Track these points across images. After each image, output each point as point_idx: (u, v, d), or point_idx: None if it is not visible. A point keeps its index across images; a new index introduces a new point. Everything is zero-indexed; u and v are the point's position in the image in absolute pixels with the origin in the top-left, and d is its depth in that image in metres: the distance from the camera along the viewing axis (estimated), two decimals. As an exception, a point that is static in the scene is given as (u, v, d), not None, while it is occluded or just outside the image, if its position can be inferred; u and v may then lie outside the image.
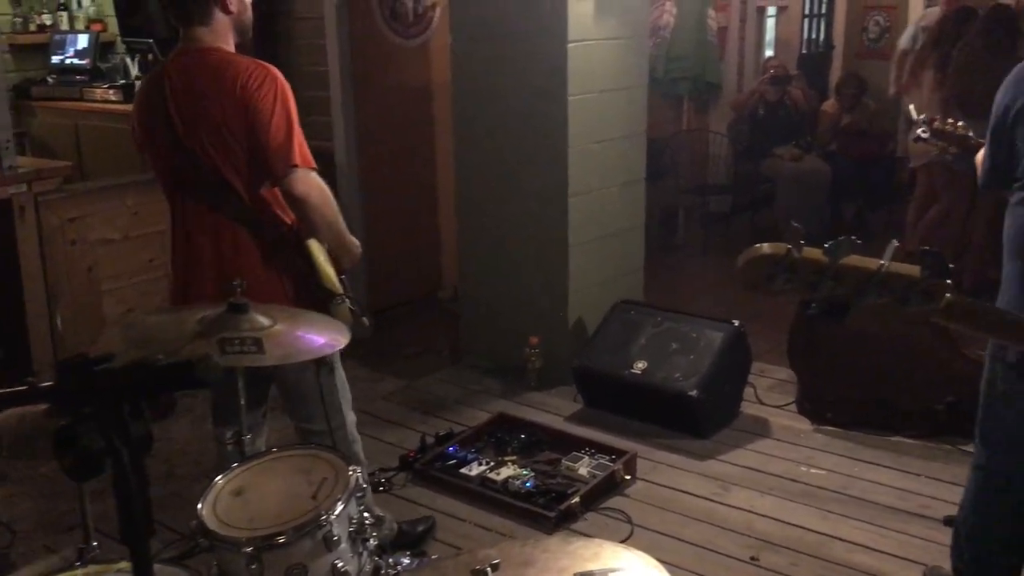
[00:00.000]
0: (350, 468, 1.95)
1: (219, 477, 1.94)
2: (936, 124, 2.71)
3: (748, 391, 4.15)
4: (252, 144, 2.41)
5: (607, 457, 3.51)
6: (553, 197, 4.19)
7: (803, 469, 3.58)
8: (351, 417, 2.80)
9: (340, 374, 2.75)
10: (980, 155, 2.60)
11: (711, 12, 6.88)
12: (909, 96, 5.94)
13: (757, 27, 7.69)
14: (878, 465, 3.60)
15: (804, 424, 3.95)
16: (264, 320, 2.02)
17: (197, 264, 2.54)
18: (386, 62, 5.06)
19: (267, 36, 5.03)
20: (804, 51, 8.31)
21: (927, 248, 1.14)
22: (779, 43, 8.01)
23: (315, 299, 2.57)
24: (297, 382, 2.67)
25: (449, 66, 4.49)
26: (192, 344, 1.97)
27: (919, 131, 2.75)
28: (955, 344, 3.68)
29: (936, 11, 6.83)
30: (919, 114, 2.82)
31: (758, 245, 1.16)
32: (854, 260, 1.13)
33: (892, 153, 7.01)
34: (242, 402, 2.15)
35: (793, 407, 4.08)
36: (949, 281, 1.14)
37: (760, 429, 3.91)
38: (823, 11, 8.55)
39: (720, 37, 7.05)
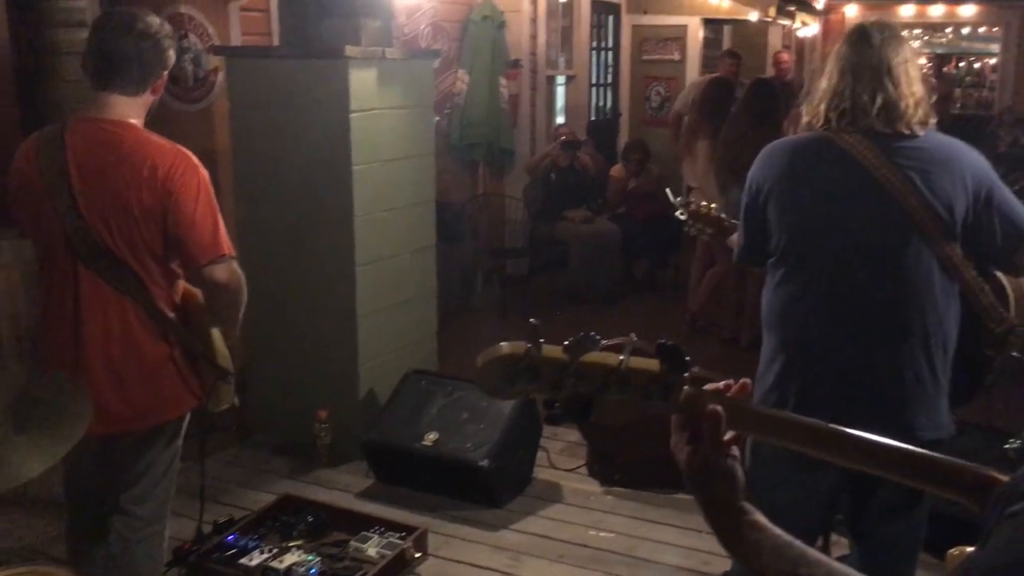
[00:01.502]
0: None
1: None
2: (692, 206, 2.84)
3: (541, 455, 4.18)
4: (170, 231, 2.39)
5: (397, 535, 3.40)
6: (340, 267, 4.10)
7: (592, 533, 3.62)
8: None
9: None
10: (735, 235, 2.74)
11: (503, 80, 7.06)
12: (685, 164, 6.32)
13: (547, 95, 7.97)
14: (663, 524, 3.69)
15: (594, 486, 4.01)
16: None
17: (83, 340, 2.43)
18: (164, 127, 4.77)
19: (33, 101, 4.70)
20: (593, 118, 8.69)
21: (663, 342, 1.15)
22: (569, 110, 8.33)
23: (207, 379, 2.56)
24: (148, 463, 2.58)
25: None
26: None
27: (677, 213, 2.87)
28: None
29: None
30: (676, 196, 2.95)
31: (498, 345, 1.13)
32: (595, 356, 1.11)
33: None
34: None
35: (584, 469, 4.14)
36: (687, 374, 1.14)
37: (552, 494, 3.93)
38: (609, 81, 8.99)
39: (512, 104, 7.24)
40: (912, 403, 2.30)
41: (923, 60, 15.21)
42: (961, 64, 16.16)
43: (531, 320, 1.13)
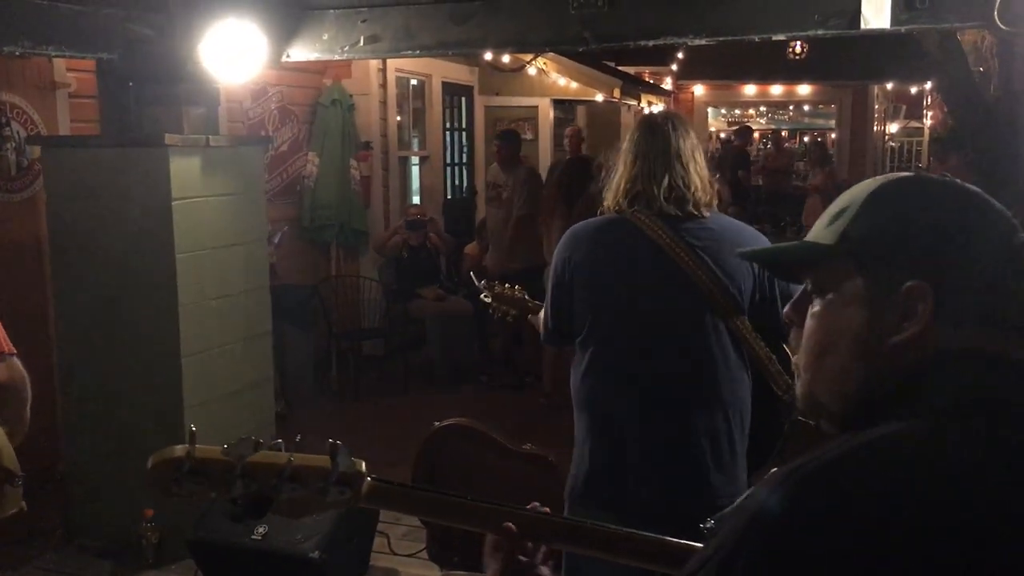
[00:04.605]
0: None
1: None
2: (497, 289, 2.89)
3: (381, 541, 4.10)
4: None
5: (220, 637, 3.27)
6: (165, 358, 3.98)
7: (427, 620, 3.56)
8: None
9: None
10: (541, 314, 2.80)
11: (353, 162, 7.10)
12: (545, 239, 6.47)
13: (402, 176, 8.05)
14: (500, 605, 3.65)
15: (434, 571, 3.95)
16: None
17: None
18: (-16, 218, 4.65)
19: None
20: (449, 197, 8.81)
21: (333, 440, 1.18)
22: (425, 190, 8.42)
23: None
24: None
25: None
26: None
27: (482, 296, 2.93)
28: (556, 471, 3.88)
29: (495, 168, 7.53)
30: (480, 280, 3.01)
31: (169, 447, 1.15)
32: (262, 456, 1.14)
33: (531, 293, 7.54)
34: None
35: (425, 553, 4.08)
36: (364, 468, 1.17)
37: (389, 582, 3.86)
38: (464, 160, 9.16)
39: (363, 185, 7.27)
40: (716, 472, 2.38)
41: (760, 135, 16.08)
42: (806, 139, 17.17)
43: (191, 427, 1.18)
